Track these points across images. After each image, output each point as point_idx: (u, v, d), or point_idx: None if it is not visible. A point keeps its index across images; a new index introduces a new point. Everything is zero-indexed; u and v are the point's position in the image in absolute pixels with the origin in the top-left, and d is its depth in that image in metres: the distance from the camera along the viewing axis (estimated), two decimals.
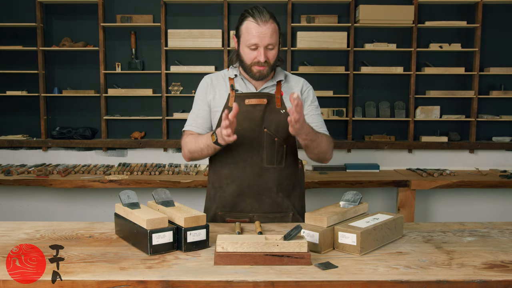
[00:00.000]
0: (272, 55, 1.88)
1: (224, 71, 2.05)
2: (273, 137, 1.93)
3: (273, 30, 1.84)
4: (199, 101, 2.01)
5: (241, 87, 1.97)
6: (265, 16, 1.83)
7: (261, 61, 1.85)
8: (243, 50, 1.89)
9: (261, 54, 1.84)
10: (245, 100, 1.93)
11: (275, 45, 1.87)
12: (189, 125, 2.01)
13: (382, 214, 1.68)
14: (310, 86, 2.06)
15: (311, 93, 2.04)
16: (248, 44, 1.85)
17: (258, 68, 1.88)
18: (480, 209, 4.00)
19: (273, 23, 1.85)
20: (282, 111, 1.94)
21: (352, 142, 3.93)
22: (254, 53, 1.86)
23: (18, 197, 4.00)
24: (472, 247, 1.56)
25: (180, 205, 1.65)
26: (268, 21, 1.83)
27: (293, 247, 1.38)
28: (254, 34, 1.83)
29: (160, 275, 1.30)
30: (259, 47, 1.84)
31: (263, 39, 1.83)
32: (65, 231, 1.71)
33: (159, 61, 3.95)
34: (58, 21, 3.99)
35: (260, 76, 1.90)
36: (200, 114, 2.00)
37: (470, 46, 3.97)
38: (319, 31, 3.89)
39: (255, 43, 1.84)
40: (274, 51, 1.88)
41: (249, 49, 1.86)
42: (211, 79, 2.03)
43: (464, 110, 4.03)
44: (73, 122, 4.03)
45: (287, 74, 2.04)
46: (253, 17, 1.83)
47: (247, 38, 1.85)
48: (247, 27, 1.85)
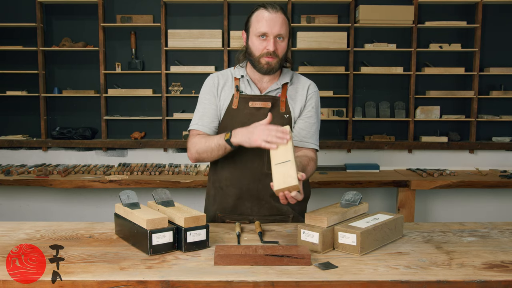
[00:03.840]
0: (282, 48, 1.84)
1: (230, 70, 1.99)
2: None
3: (283, 20, 1.82)
4: (205, 99, 1.96)
5: (246, 88, 1.93)
6: (276, 7, 1.82)
7: (270, 50, 1.80)
8: (252, 41, 1.85)
9: (271, 43, 1.80)
10: (249, 102, 1.90)
11: (285, 37, 1.83)
12: (196, 124, 1.94)
13: (382, 214, 1.68)
14: (316, 90, 1.99)
15: (314, 98, 1.97)
16: (257, 32, 1.82)
17: (267, 59, 1.82)
18: (480, 209, 4.00)
19: (283, 14, 1.83)
20: (286, 116, 1.91)
21: (352, 142, 3.93)
22: (263, 44, 1.82)
23: (18, 197, 4.00)
24: (472, 247, 1.56)
25: (180, 205, 1.65)
26: (279, 10, 1.82)
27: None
28: (264, 21, 1.80)
29: (160, 275, 1.30)
30: (269, 36, 1.81)
31: (273, 27, 1.80)
32: (65, 231, 1.71)
33: (159, 61, 3.95)
34: (58, 21, 3.99)
35: (268, 68, 1.84)
36: (206, 113, 1.94)
37: (470, 46, 3.97)
38: (319, 31, 3.89)
39: (265, 32, 1.80)
40: (284, 43, 1.84)
41: (259, 40, 1.83)
42: (218, 78, 1.97)
43: (464, 110, 4.03)
44: (73, 122, 4.03)
45: (294, 75, 1.99)
46: (264, 7, 1.83)
47: (257, 26, 1.82)
48: (258, 15, 1.83)
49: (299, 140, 1.94)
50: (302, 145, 1.93)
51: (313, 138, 1.96)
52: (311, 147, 1.95)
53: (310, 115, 1.95)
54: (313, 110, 1.96)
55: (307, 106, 1.95)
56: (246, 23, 1.89)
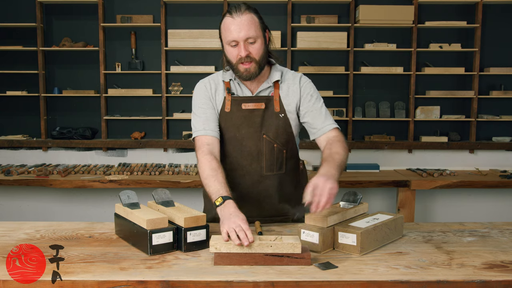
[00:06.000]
0: (255, 50, 1.75)
1: (218, 74, 1.93)
2: (272, 144, 1.86)
3: (250, 21, 1.72)
4: (203, 104, 1.87)
5: (236, 91, 1.88)
6: (240, 9, 1.73)
7: (242, 55, 1.73)
8: (227, 50, 1.80)
9: (242, 48, 1.72)
10: (241, 105, 1.85)
11: (256, 38, 1.74)
12: (203, 130, 1.83)
13: (382, 214, 1.68)
14: (308, 80, 1.92)
15: (309, 87, 1.89)
16: (227, 41, 1.76)
17: (244, 66, 1.75)
18: (480, 209, 4.00)
19: (249, 13, 1.74)
20: (281, 115, 1.86)
21: (352, 142, 3.93)
22: (236, 50, 1.75)
23: (18, 197, 4.00)
24: (472, 247, 1.56)
25: (180, 205, 1.65)
26: (244, 12, 1.73)
27: (287, 248, 1.38)
28: (231, 28, 1.73)
29: (160, 275, 1.30)
30: (239, 41, 1.74)
31: (240, 32, 1.71)
32: (65, 231, 1.71)
33: (159, 61, 3.95)
34: (58, 21, 3.99)
35: (247, 75, 1.78)
36: (209, 117, 1.85)
37: (470, 46, 3.97)
38: (319, 31, 3.89)
39: (233, 39, 1.74)
40: (257, 44, 1.75)
41: (231, 48, 1.76)
42: (209, 82, 1.91)
43: (464, 110, 4.03)
44: (73, 122, 4.03)
45: (283, 71, 1.91)
46: (229, 13, 1.76)
47: (226, 35, 1.76)
48: (224, 23, 1.77)
49: (318, 129, 1.85)
50: (323, 132, 1.84)
51: (327, 120, 1.86)
52: (331, 128, 1.85)
53: (313, 102, 1.87)
54: (313, 97, 1.88)
55: (306, 96, 1.87)
56: (219, 32, 1.82)
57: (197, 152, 1.82)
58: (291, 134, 1.90)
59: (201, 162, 1.77)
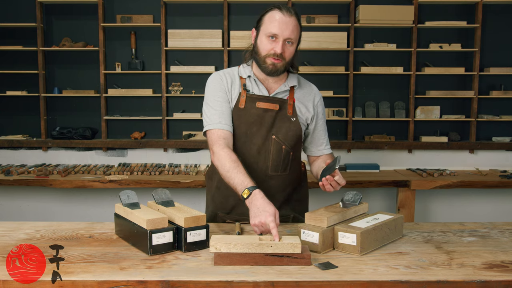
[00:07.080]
0: (290, 52, 1.81)
1: (235, 69, 1.94)
2: (281, 145, 1.88)
3: (296, 25, 1.80)
4: (219, 97, 1.87)
5: (253, 88, 1.89)
6: (290, 11, 1.80)
7: (278, 52, 1.77)
8: (261, 40, 1.82)
9: (279, 45, 1.77)
10: (256, 103, 1.87)
11: (294, 42, 1.81)
12: (219, 123, 1.83)
13: (382, 214, 1.68)
14: (321, 95, 2.02)
15: (322, 105, 2.01)
16: (268, 32, 1.79)
17: (273, 61, 1.79)
18: (480, 209, 4.00)
19: (296, 18, 1.81)
20: (293, 119, 1.90)
21: (352, 142, 3.93)
22: (272, 44, 1.79)
23: (18, 197, 4.00)
24: (472, 247, 1.56)
25: (180, 205, 1.65)
26: (293, 15, 1.79)
27: (287, 248, 1.38)
28: (277, 23, 1.77)
29: (160, 275, 1.30)
30: (279, 38, 1.78)
31: (285, 30, 1.76)
32: (65, 231, 1.71)
33: (159, 61, 3.95)
34: (58, 21, 3.99)
35: (273, 69, 1.81)
36: (225, 111, 1.86)
37: (470, 46, 3.97)
38: (319, 31, 3.89)
39: (275, 33, 1.77)
40: (292, 48, 1.82)
41: (268, 40, 1.79)
42: (224, 76, 1.91)
43: (464, 110, 4.03)
44: (73, 122, 4.03)
45: (299, 79, 1.98)
46: (279, 8, 1.80)
47: (269, 26, 1.79)
48: (271, 15, 1.80)
49: (317, 149, 2.02)
50: (320, 154, 2.02)
51: (327, 142, 2.05)
52: (327, 153, 2.03)
53: (321, 123, 2.01)
54: (323, 117, 2.02)
55: (318, 115, 1.99)
56: (258, 21, 1.85)
57: (214, 145, 1.82)
58: (299, 137, 1.94)
59: (220, 155, 1.77)
